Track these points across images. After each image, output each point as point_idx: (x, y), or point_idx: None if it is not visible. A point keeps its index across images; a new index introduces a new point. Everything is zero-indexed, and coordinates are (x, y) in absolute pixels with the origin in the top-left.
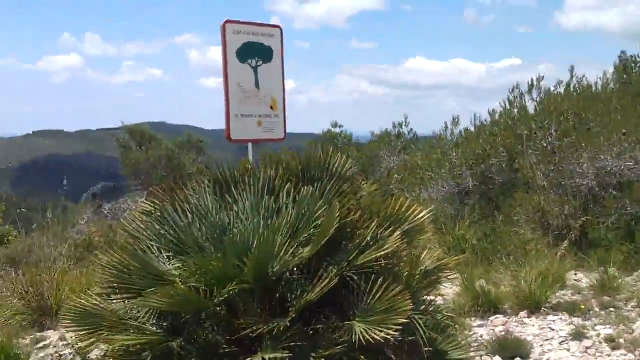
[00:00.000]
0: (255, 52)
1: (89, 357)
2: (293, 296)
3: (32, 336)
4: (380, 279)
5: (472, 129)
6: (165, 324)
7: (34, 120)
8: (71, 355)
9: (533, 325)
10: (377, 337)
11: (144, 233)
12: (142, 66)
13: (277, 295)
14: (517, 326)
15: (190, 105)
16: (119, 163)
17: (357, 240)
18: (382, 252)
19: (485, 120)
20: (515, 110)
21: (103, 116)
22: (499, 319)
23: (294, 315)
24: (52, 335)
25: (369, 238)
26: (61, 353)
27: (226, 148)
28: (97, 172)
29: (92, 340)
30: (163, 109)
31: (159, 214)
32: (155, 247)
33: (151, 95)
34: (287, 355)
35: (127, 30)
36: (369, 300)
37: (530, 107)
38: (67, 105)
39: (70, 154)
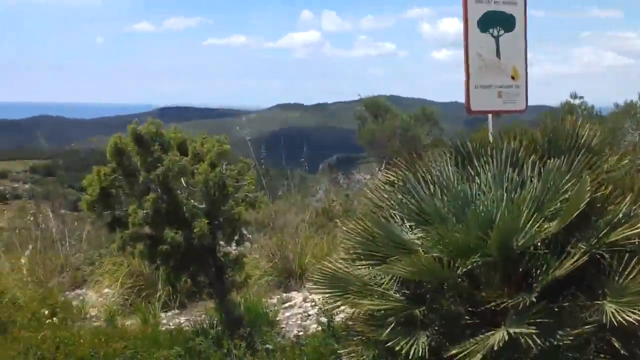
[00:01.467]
0: (497, 21)
1: (334, 318)
2: (538, 272)
3: (278, 296)
4: (635, 259)
5: None
6: (407, 291)
7: (277, 95)
8: (316, 316)
9: None
10: (630, 319)
11: (387, 202)
12: (375, 41)
13: (520, 269)
14: None
15: (421, 78)
16: (353, 135)
17: (609, 217)
18: (637, 230)
19: None
20: None
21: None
22: None
23: (538, 291)
24: (296, 297)
25: (621, 215)
26: (309, 313)
27: (457, 120)
28: (332, 144)
29: (338, 303)
30: (395, 82)
31: (401, 184)
32: (397, 217)
33: (384, 69)
34: (534, 331)
35: (361, 6)
36: (621, 281)
37: None
38: (307, 80)
39: (308, 126)
